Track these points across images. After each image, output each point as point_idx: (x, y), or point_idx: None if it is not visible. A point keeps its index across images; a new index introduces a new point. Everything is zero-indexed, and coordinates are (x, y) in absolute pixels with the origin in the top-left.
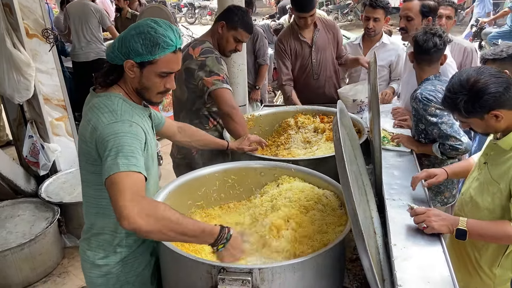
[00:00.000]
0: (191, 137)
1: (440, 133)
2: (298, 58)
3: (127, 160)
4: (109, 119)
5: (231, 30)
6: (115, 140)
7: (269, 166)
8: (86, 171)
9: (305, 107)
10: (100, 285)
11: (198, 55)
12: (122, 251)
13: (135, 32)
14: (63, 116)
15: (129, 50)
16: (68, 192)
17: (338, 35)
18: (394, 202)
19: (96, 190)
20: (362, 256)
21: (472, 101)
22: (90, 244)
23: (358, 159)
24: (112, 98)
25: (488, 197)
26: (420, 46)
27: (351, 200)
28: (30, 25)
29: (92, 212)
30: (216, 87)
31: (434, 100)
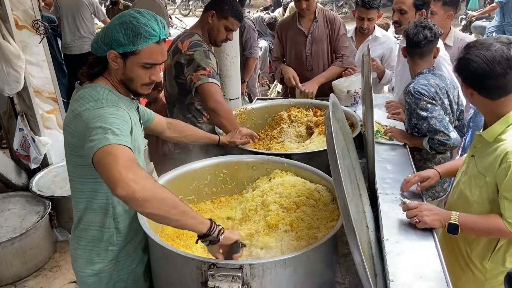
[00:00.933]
0: (181, 133)
1: (429, 127)
2: (293, 46)
3: (115, 135)
4: (93, 106)
5: (221, 19)
6: (101, 121)
7: (261, 160)
8: (71, 163)
9: (298, 101)
10: (92, 284)
11: (186, 49)
12: (114, 249)
13: (118, 22)
14: (54, 109)
15: (112, 40)
16: (60, 185)
17: (338, 29)
18: (387, 196)
19: (82, 183)
20: (353, 252)
21: (457, 65)
22: (79, 242)
23: (351, 153)
24: (98, 89)
25: (476, 190)
26: (411, 39)
27: (342, 195)
28: (20, 16)
29: (80, 207)
30: (202, 82)
31: (426, 94)
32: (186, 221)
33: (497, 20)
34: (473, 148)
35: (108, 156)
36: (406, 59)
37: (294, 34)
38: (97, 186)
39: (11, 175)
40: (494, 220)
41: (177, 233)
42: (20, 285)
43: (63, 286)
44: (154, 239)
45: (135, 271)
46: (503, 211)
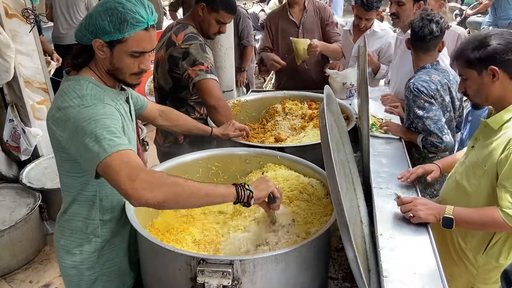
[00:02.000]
0: (172, 121)
1: (423, 127)
2: (285, 38)
3: (111, 142)
4: (79, 105)
5: (212, 13)
6: (91, 125)
7: (254, 153)
8: (59, 158)
9: (292, 93)
10: (73, 276)
11: (181, 42)
12: (97, 240)
13: (102, 8)
14: (44, 100)
15: (96, 29)
16: (50, 178)
17: (328, 18)
18: (382, 191)
19: (68, 177)
20: (346, 247)
21: (480, 46)
22: (63, 233)
23: (346, 146)
24: (81, 82)
25: (475, 180)
26: (416, 33)
27: (336, 190)
28: (10, 4)
29: (68, 199)
30: (200, 78)
31: (424, 92)
32: (213, 201)
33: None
34: (474, 139)
35: (108, 171)
36: (403, 52)
37: (285, 25)
38: (85, 179)
39: (1, 166)
40: (490, 213)
41: (167, 228)
42: (9, 278)
43: (53, 279)
44: (142, 234)
45: (120, 265)
46: (500, 200)
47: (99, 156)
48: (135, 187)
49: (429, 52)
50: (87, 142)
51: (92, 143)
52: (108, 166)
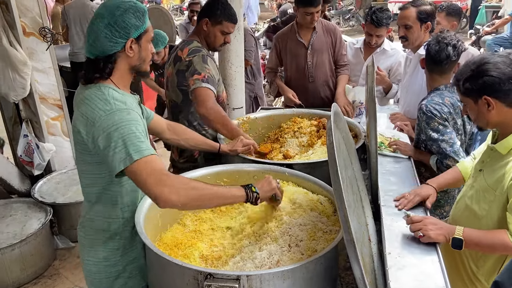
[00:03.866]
0: (180, 135)
1: (439, 150)
2: (294, 59)
3: (136, 147)
4: (105, 110)
5: (216, 25)
6: (118, 131)
7: (263, 170)
8: (82, 161)
9: (301, 111)
10: (96, 273)
11: (186, 56)
12: (120, 238)
13: (121, 11)
14: (59, 116)
15: (128, 29)
16: (62, 192)
17: (338, 39)
18: (390, 209)
19: (93, 179)
20: (353, 265)
21: (472, 78)
22: (86, 232)
23: (354, 164)
24: (102, 89)
25: (485, 205)
26: (432, 57)
27: (343, 207)
28: (27, 23)
29: (91, 200)
30: (195, 87)
31: (438, 115)
32: (226, 202)
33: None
34: (481, 162)
35: (137, 176)
36: (412, 71)
37: (294, 46)
38: (107, 179)
39: (14, 181)
40: (499, 236)
41: (175, 243)
42: None
43: None
44: (151, 248)
45: (140, 262)
46: (509, 225)
47: (127, 160)
48: (163, 191)
49: (445, 74)
50: (115, 146)
51: (120, 147)
52: (137, 170)
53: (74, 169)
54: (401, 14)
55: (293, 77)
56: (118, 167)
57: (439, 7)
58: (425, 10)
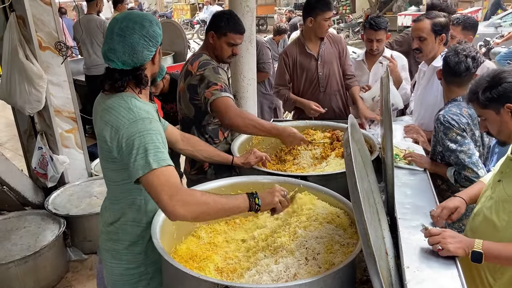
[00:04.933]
0: (194, 147)
1: (457, 161)
2: (305, 71)
3: (156, 157)
4: (129, 119)
5: (222, 37)
6: (140, 139)
7: (277, 182)
8: (107, 169)
9: (314, 122)
10: (119, 275)
11: (196, 70)
12: (144, 242)
13: (149, 22)
14: (73, 128)
15: (157, 37)
16: (75, 204)
17: (344, 49)
18: (407, 222)
19: (117, 185)
20: (373, 279)
21: (491, 87)
22: (111, 236)
23: (370, 176)
24: (125, 98)
25: (505, 215)
26: (451, 68)
27: (362, 220)
28: (43, 37)
29: (115, 208)
30: (215, 97)
31: (456, 126)
32: (233, 214)
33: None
34: (500, 173)
35: (152, 185)
36: (427, 83)
37: (304, 59)
38: (130, 186)
39: (28, 193)
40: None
41: (190, 255)
42: None
43: None
44: (167, 260)
45: (159, 264)
46: None
47: (144, 168)
48: (174, 205)
49: (463, 86)
50: (136, 153)
51: (140, 155)
52: (152, 181)
53: (87, 181)
54: (416, 26)
55: (304, 90)
56: (137, 173)
57: (455, 20)
58: (439, 22)
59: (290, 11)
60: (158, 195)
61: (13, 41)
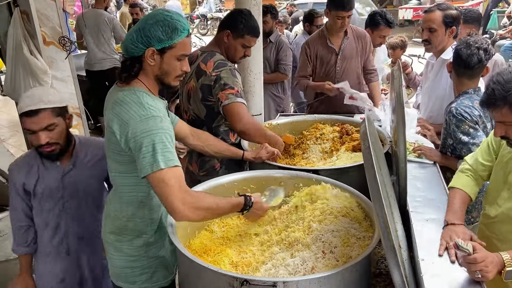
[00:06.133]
0: (204, 142)
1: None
2: (324, 64)
3: (164, 157)
4: (140, 115)
5: (237, 38)
6: (150, 137)
7: (289, 176)
8: (113, 160)
9: (323, 116)
10: (122, 268)
11: (211, 70)
12: (146, 236)
13: (153, 21)
14: (77, 124)
15: (151, 38)
16: None
17: (367, 45)
18: (419, 215)
19: (124, 177)
20: (393, 272)
21: None
22: (113, 230)
23: (383, 169)
24: (137, 93)
25: None
26: (463, 60)
27: (382, 213)
28: (47, 32)
29: (120, 200)
30: (230, 102)
31: (468, 118)
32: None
33: None
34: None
35: (160, 183)
36: (435, 76)
37: (324, 51)
38: (135, 180)
39: None
40: None
41: (204, 249)
42: None
43: None
44: (185, 254)
45: (163, 258)
46: None
47: (152, 166)
48: (183, 207)
49: (474, 78)
50: (146, 151)
51: (150, 153)
52: (161, 180)
53: None
54: (426, 16)
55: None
56: (145, 171)
57: None
58: (451, 14)
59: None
60: (167, 196)
61: (17, 37)
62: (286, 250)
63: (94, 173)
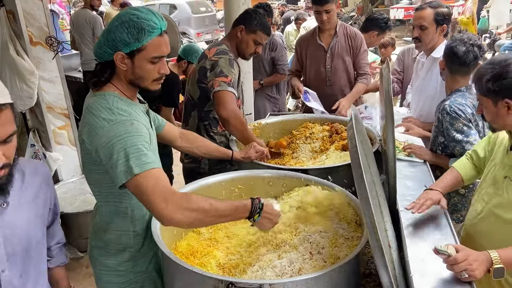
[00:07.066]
0: (192, 143)
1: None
2: (313, 62)
3: (138, 160)
4: (109, 121)
5: (250, 34)
6: (120, 143)
7: (278, 176)
8: (89, 171)
9: (313, 116)
10: (107, 283)
11: (212, 55)
12: (131, 250)
13: (118, 22)
14: (66, 125)
15: (116, 42)
16: (70, 202)
17: (358, 46)
18: (410, 215)
19: (99, 189)
20: (381, 272)
21: (495, 78)
22: (98, 243)
23: (372, 168)
24: (107, 97)
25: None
26: (459, 58)
27: (369, 212)
28: (34, 32)
29: (101, 212)
30: (221, 88)
31: (463, 116)
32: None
33: None
34: (504, 168)
35: (139, 189)
36: (426, 75)
37: (313, 49)
38: (114, 191)
39: None
40: None
41: (191, 251)
42: None
43: None
44: (169, 257)
45: (151, 273)
46: None
47: (128, 174)
48: (168, 209)
49: (467, 75)
50: (117, 158)
51: (121, 160)
52: (140, 185)
53: (81, 178)
54: (417, 14)
55: (311, 81)
56: (120, 180)
57: None
58: (442, 12)
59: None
60: (150, 200)
61: (3, 36)
62: (273, 252)
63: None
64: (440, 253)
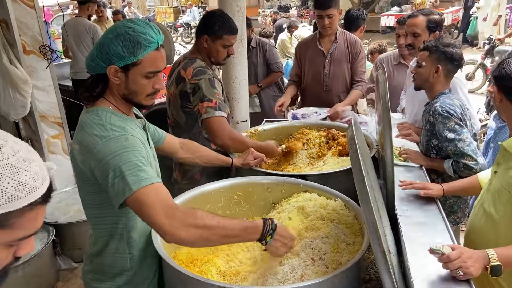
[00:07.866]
0: (194, 153)
1: (455, 150)
2: (311, 66)
3: (136, 177)
4: (101, 137)
5: (217, 40)
6: (115, 160)
7: (277, 182)
8: (83, 190)
9: (310, 122)
10: None
11: (190, 78)
12: (128, 273)
13: (113, 35)
14: (59, 134)
15: (110, 55)
16: (64, 211)
17: (357, 53)
18: (408, 219)
19: (94, 210)
20: (384, 277)
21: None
22: (90, 267)
23: (370, 173)
24: (99, 113)
25: (501, 206)
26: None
27: (372, 217)
28: (27, 41)
29: (96, 233)
30: (208, 116)
31: (454, 115)
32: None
33: None
34: (496, 164)
35: (140, 206)
36: None
37: (313, 54)
38: (110, 211)
39: None
40: None
41: (191, 259)
42: None
43: None
44: (171, 264)
45: None
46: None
47: (126, 192)
48: (172, 225)
49: (450, 79)
50: (113, 176)
51: (117, 178)
52: (141, 201)
53: (75, 188)
54: (410, 21)
55: (308, 85)
56: (118, 199)
57: None
58: (434, 19)
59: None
60: (151, 216)
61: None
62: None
63: None
64: (434, 252)
